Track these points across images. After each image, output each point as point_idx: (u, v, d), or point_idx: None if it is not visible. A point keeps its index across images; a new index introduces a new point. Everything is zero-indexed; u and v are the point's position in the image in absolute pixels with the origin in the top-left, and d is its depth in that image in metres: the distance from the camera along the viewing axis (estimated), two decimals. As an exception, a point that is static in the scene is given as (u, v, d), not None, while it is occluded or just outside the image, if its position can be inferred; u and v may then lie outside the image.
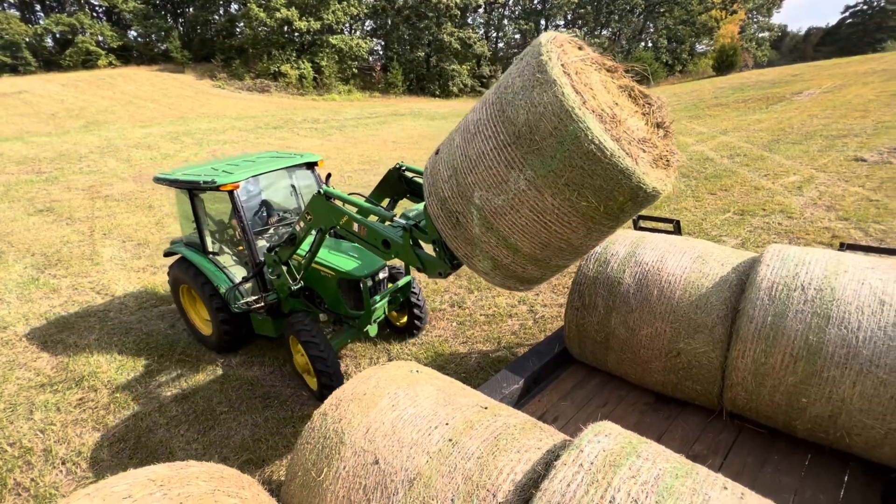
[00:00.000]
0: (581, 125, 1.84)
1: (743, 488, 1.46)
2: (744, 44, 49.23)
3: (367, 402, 2.07)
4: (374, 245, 3.13)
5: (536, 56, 2.00)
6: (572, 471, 1.45)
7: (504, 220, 2.18)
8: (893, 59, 23.33)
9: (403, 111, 33.97)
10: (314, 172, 5.16)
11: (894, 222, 6.74)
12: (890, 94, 15.41)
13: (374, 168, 15.35)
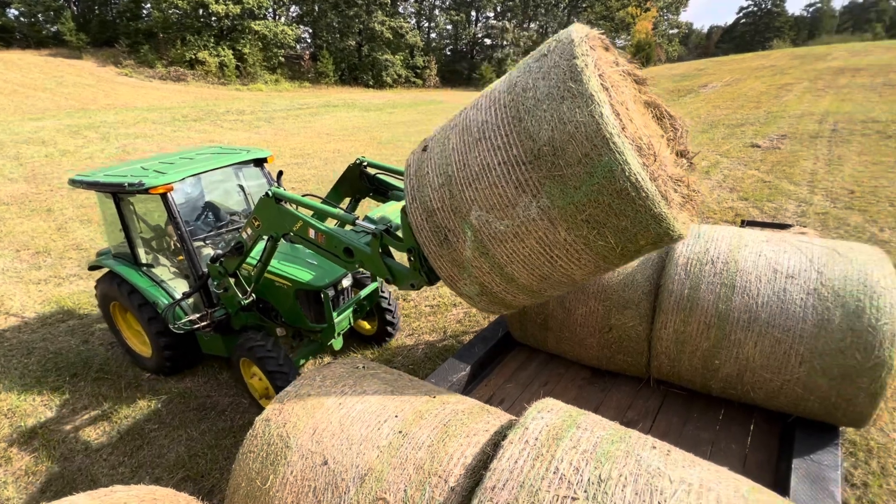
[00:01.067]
0: (619, 157, 1.56)
1: (669, 446, 1.61)
2: (657, 39, 53.10)
3: (313, 404, 2.01)
4: (335, 254, 2.80)
5: (569, 58, 1.66)
6: (519, 448, 1.52)
7: (503, 248, 1.91)
8: (779, 56, 26.36)
9: (336, 102, 32.86)
10: (264, 170, 4.62)
11: (783, 200, 7.68)
12: (777, 87, 17.43)
13: (307, 161, 14.73)
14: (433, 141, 2.16)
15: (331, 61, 43.37)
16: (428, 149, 2.14)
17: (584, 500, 1.32)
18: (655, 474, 1.38)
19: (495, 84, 2.05)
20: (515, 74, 1.92)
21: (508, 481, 1.42)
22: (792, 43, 57.84)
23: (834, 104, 13.47)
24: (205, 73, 35.52)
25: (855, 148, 9.69)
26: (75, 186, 4.26)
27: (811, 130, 11.29)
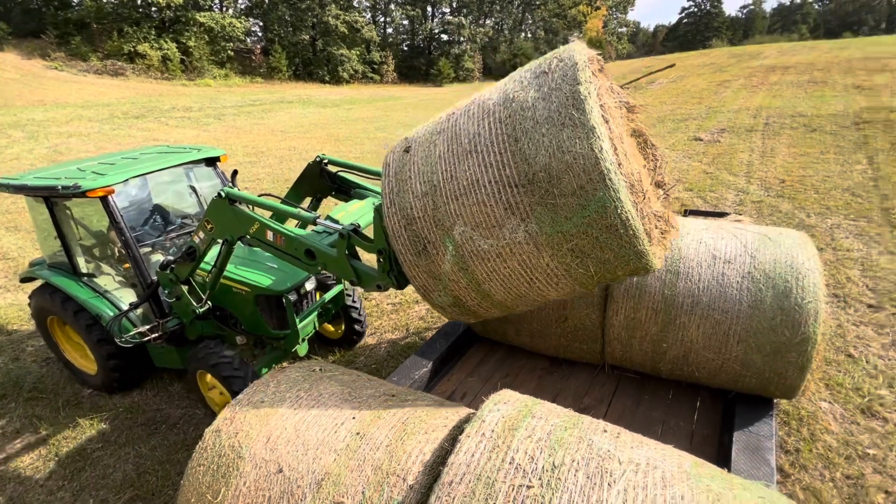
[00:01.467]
0: (613, 194, 1.56)
1: (619, 429, 1.67)
2: (607, 37, 54.95)
3: (266, 411, 1.94)
4: (295, 256, 2.67)
5: (572, 83, 1.63)
6: (476, 441, 1.53)
7: (484, 266, 1.88)
8: (718, 54, 27.98)
9: (291, 98, 31.85)
10: (217, 170, 4.33)
11: (724, 190, 8.17)
12: (717, 83, 18.49)
13: (261, 160, 14.20)
14: (417, 143, 2.04)
15: (284, 56, 41.95)
16: (411, 151, 2.03)
17: (539, 487, 1.35)
18: (605, 457, 1.43)
19: (487, 92, 1.96)
20: (511, 87, 1.84)
21: (466, 475, 1.43)
22: (729, 42, 61.60)
23: (766, 100, 14.46)
24: (146, 68, 33.43)
25: (785, 140, 10.46)
26: (0, 191, 3.89)
27: (747, 124, 12.07)
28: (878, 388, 3.66)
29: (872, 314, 4.55)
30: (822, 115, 11.80)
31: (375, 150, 15.09)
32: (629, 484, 1.33)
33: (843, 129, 10.50)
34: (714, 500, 1.29)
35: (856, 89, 13.90)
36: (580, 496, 1.31)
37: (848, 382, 3.73)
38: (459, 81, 51.20)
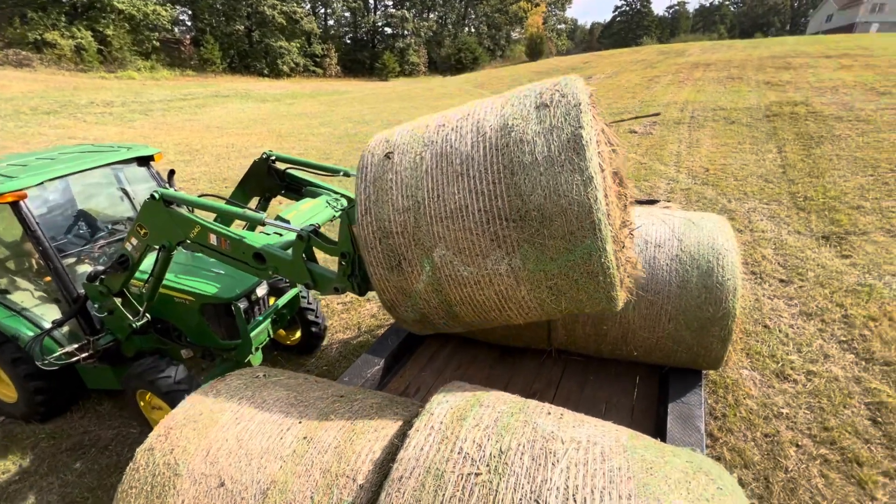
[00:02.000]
0: (599, 244, 1.60)
1: (563, 410, 1.75)
2: (547, 33, 56.59)
3: (205, 423, 1.84)
4: (243, 261, 2.50)
5: (575, 125, 1.62)
6: (425, 434, 1.54)
7: (460, 291, 1.85)
8: (648, 51, 29.67)
9: (227, 92, 30.12)
10: (151, 170, 3.99)
11: (656, 179, 8.72)
12: (648, 79, 19.63)
13: (196, 158, 13.35)
14: (399, 149, 1.94)
15: (216, 47, 39.53)
16: (392, 157, 1.91)
17: (487, 473, 1.38)
18: (549, 438, 1.49)
19: (482, 110, 1.88)
20: (510, 113, 1.79)
21: (415, 468, 1.44)
22: (658, 40, 65.54)
23: (692, 94, 15.56)
24: (57, 58, 30.25)
25: (708, 132, 11.32)
26: None
27: (675, 117, 12.93)
28: (789, 353, 4.08)
29: (783, 288, 5.06)
30: (739, 108, 12.88)
31: (321, 146, 14.64)
32: (571, 461, 1.39)
33: (757, 122, 11.52)
34: (647, 469, 1.38)
35: (766, 85, 15.29)
36: (526, 478, 1.35)
37: (764, 351, 4.13)
38: (405, 76, 50.74)
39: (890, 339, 4.10)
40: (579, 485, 1.31)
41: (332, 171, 3.67)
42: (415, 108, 21.93)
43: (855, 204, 6.73)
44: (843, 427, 3.31)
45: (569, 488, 1.31)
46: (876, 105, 11.37)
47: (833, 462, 3.08)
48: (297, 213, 2.83)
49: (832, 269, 5.26)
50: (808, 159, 8.73)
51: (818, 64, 17.31)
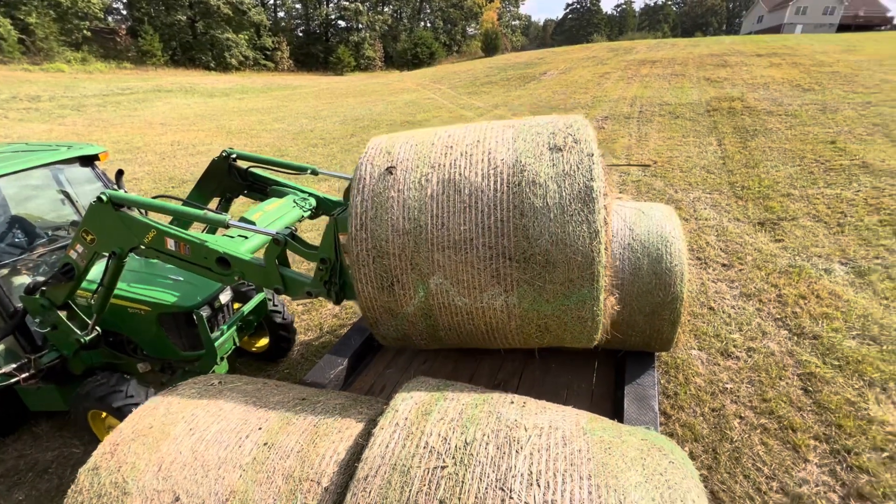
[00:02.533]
0: (595, 294, 1.65)
1: (525, 398, 1.79)
2: (502, 29, 57.25)
3: (156, 436, 1.74)
4: (205, 266, 2.36)
5: (587, 174, 1.64)
6: (390, 431, 1.53)
7: (451, 319, 1.84)
8: (598, 49, 30.69)
9: (170, 86, 28.43)
10: (96, 170, 3.67)
11: (610, 172, 9.06)
12: (599, 75, 20.31)
13: (138, 157, 12.54)
14: (403, 166, 1.85)
15: (156, 38, 37.16)
16: (394, 173, 1.83)
17: (453, 465, 1.40)
18: (513, 426, 1.52)
19: (493, 139, 1.84)
20: (522, 147, 1.77)
21: (381, 466, 1.42)
22: (607, 38, 67.91)
23: (640, 90, 16.26)
24: (-31, 48, 27.40)
25: (655, 126, 11.88)
26: None
27: (625, 112, 13.47)
28: (731, 332, 4.38)
29: (725, 272, 5.41)
30: (683, 103, 13.59)
31: (275, 143, 14.13)
32: (534, 447, 1.43)
33: (699, 116, 12.21)
34: (606, 449, 1.44)
35: (706, 81, 16.23)
36: (491, 467, 1.38)
37: (710, 331, 4.42)
38: (361, 70, 49.81)
39: (817, 315, 4.49)
40: (542, 469, 1.35)
41: (299, 169, 3.52)
42: (372, 103, 21.59)
43: (785, 192, 7.30)
44: (779, 398, 3.60)
45: (532, 473, 1.34)
46: (801, 101, 12.35)
47: (772, 430, 3.34)
48: (262, 214, 2.69)
49: (767, 253, 5.68)
50: (744, 151, 9.36)
51: (751, 62, 18.57)
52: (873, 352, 3.96)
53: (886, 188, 6.90)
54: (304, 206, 3.22)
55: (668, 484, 1.32)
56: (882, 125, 9.69)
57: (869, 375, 3.72)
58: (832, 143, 9.04)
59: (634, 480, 1.32)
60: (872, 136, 9.18)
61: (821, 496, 2.85)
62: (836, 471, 3.00)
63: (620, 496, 1.27)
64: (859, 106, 11.28)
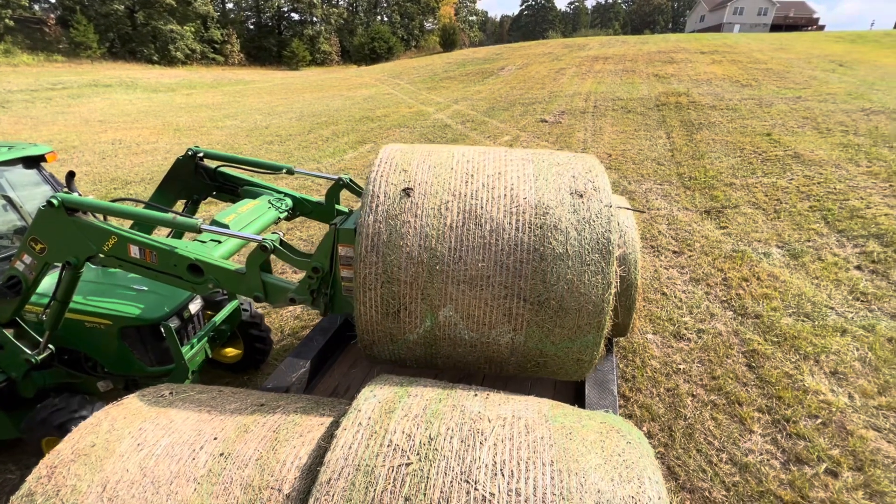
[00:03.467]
0: (598, 340, 1.73)
1: (489, 390, 1.80)
2: (460, 24, 57.36)
3: (99, 455, 1.62)
4: (175, 274, 2.19)
5: (606, 225, 1.67)
6: (353, 432, 1.50)
7: (453, 350, 1.81)
8: (554, 45, 31.35)
9: (108, 81, 26.59)
10: (42, 172, 3.37)
11: (567, 166, 9.31)
12: (555, 71, 20.77)
13: (75, 157, 11.66)
14: (421, 189, 1.77)
15: (91, 29, 34.59)
16: (411, 196, 1.76)
17: (417, 462, 1.39)
18: (477, 419, 1.53)
19: (514, 173, 1.82)
20: (544, 188, 1.76)
21: (344, 468, 1.40)
22: (562, 34, 69.55)
23: (594, 86, 16.76)
24: None
25: (609, 120, 12.30)
26: None
27: (580, 107, 13.85)
28: (682, 316, 4.62)
29: (676, 258, 5.70)
30: (634, 98, 14.14)
31: (227, 140, 13.51)
32: (498, 438, 1.44)
33: (649, 111, 12.74)
34: (567, 434, 1.48)
35: (655, 77, 16.95)
36: (456, 461, 1.38)
37: (663, 315, 4.64)
38: (317, 65, 48.49)
39: (758, 296, 4.81)
40: (506, 459, 1.37)
41: (274, 168, 3.34)
42: (329, 98, 21.07)
43: (728, 181, 7.75)
44: (726, 375, 3.84)
45: (497, 464, 1.35)
46: (741, 96, 13.15)
47: (720, 405, 3.56)
48: (236, 217, 2.53)
49: (713, 239, 6.02)
50: (690, 143, 9.86)
51: (695, 59, 19.56)
52: (807, 327, 4.29)
53: (815, 176, 7.47)
54: (281, 207, 3.07)
55: (625, 464, 1.37)
56: (811, 118, 10.49)
57: (804, 350, 4.03)
58: (768, 135, 9.69)
59: (594, 462, 1.36)
60: (803, 128, 9.91)
61: (764, 463, 3.07)
62: (777, 439, 3.24)
63: (581, 479, 1.30)
64: (791, 100, 12.15)
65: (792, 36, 29.65)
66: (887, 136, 8.87)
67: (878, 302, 4.58)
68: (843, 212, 6.30)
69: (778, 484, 2.93)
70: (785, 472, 3.01)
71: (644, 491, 1.28)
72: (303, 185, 8.69)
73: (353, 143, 12.28)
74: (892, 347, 3.98)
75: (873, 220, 5.98)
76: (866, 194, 6.68)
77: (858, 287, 4.81)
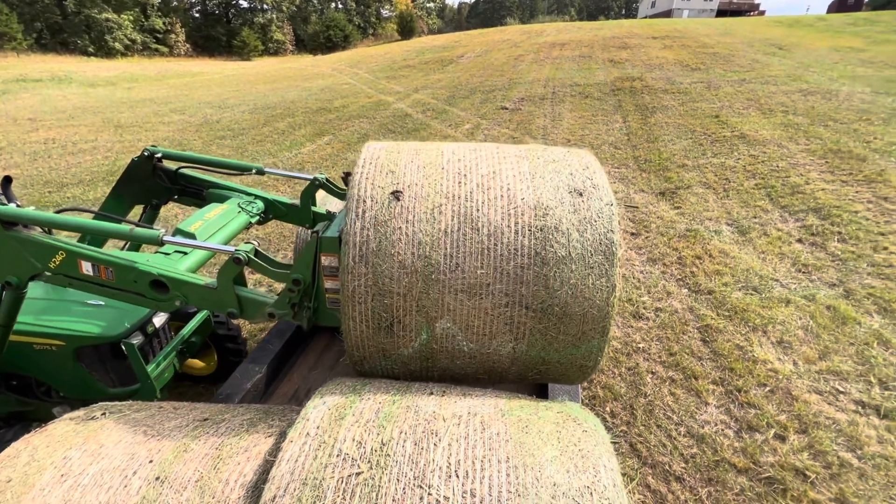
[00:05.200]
0: (602, 345, 1.69)
1: (446, 387, 1.75)
2: (417, 12, 56.50)
3: (17, 490, 1.47)
4: (136, 292, 1.98)
5: (608, 226, 1.62)
6: (300, 444, 1.41)
7: (450, 363, 1.73)
8: (512, 31, 31.40)
9: (37, 75, 24.56)
10: None
11: (528, 153, 9.36)
12: (514, 58, 20.81)
13: (3, 159, 10.73)
14: (411, 192, 1.64)
15: (14, 18, 31.74)
16: (401, 200, 1.62)
17: (368, 470, 1.32)
18: (431, 419, 1.48)
19: (508, 170, 1.73)
20: (541, 187, 1.67)
21: (290, 483, 1.31)
22: (520, 21, 69.80)
23: (552, 72, 16.90)
24: None
25: (568, 106, 12.44)
26: None
27: (540, 94, 13.94)
28: (641, 296, 4.75)
29: (634, 240, 5.84)
30: (591, 83, 14.36)
31: (175, 136, 12.77)
32: (453, 438, 1.40)
33: (605, 96, 12.98)
34: (523, 428, 1.45)
35: (610, 63, 17.28)
36: (409, 465, 1.32)
37: (623, 296, 4.75)
38: (270, 55, 46.56)
39: (711, 273, 5.01)
40: (461, 459, 1.32)
41: (242, 168, 3.06)
42: (284, 89, 20.27)
43: (680, 163, 8.02)
44: (683, 351, 3.97)
45: (451, 465, 1.31)
46: (691, 79, 13.60)
47: (678, 381, 3.68)
48: (203, 224, 2.31)
49: (668, 220, 6.22)
50: (645, 127, 10.12)
51: (648, 44, 20.07)
52: (755, 300, 4.51)
53: (760, 156, 7.84)
54: (252, 211, 2.83)
55: (581, 453, 1.35)
56: (755, 100, 10.99)
57: (752, 322, 4.23)
58: (716, 117, 10.08)
59: (550, 455, 1.34)
60: (748, 110, 10.37)
61: (719, 433, 3.20)
62: (730, 409, 3.39)
63: (537, 473, 1.27)
64: (736, 83, 12.68)
65: (736, 21, 30.93)
66: (822, 115, 9.42)
67: (818, 272, 4.86)
68: (784, 188, 6.64)
69: (732, 452, 3.06)
70: (738, 440, 3.15)
71: (599, 480, 1.26)
72: (267, 183, 8.33)
73: (310, 135, 11.88)
74: (830, 315, 4.24)
75: (812, 195, 6.34)
76: (805, 171, 7.07)
77: (800, 259, 5.09)
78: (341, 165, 9.38)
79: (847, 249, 5.16)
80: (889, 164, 6.91)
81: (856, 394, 3.43)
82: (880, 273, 4.74)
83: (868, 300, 4.39)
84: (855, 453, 3.00)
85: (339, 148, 10.60)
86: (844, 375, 3.59)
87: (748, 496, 2.79)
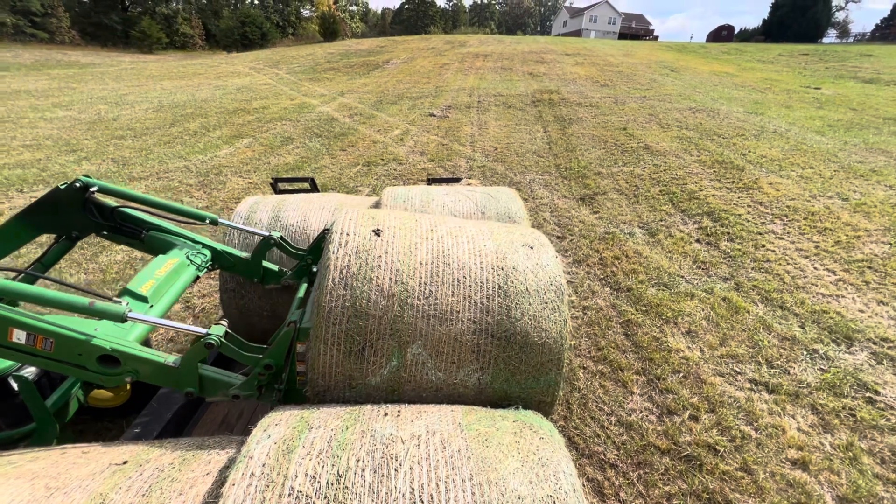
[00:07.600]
0: (559, 379, 1.74)
1: (400, 406, 1.69)
2: (340, 14, 55.30)
3: None
4: (77, 364, 1.71)
5: (556, 271, 1.85)
6: (244, 486, 1.28)
7: (416, 392, 1.74)
8: (436, 40, 31.94)
9: None
10: None
11: (457, 159, 9.53)
12: (439, 66, 21.15)
13: None
14: (390, 231, 1.82)
15: None
16: (380, 236, 1.78)
17: (326, 504, 1.23)
18: (389, 442, 1.42)
19: (470, 228, 1.97)
20: (500, 240, 1.93)
21: (237, 532, 1.18)
22: (443, 30, 71.28)
23: (476, 81, 17.45)
24: None
25: (493, 115, 12.91)
26: None
27: (466, 102, 14.31)
28: (571, 296, 5.03)
29: (560, 243, 6.20)
30: (513, 94, 15.05)
31: (60, 134, 11.12)
32: (413, 461, 1.35)
33: (527, 106, 13.68)
34: (483, 442, 1.44)
35: (529, 75, 18.26)
36: (370, 496, 1.25)
37: (555, 298, 5.00)
38: (177, 48, 42.60)
39: (628, 271, 5.46)
40: (424, 483, 1.28)
41: (196, 217, 2.72)
42: (194, 87, 18.63)
43: (596, 171, 8.68)
44: (609, 345, 4.28)
45: (414, 490, 1.26)
46: (601, 94, 14.83)
47: (607, 374, 3.95)
48: (155, 285, 2.07)
49: (589, 224, 6.69)
50: (564, 137, 10.82)
51: (562, 60, 21.55)
52: (666, 295, 5.00)
53: (662, 165, 8.75)
54: (199, 263, 2.55)
55: (541, 462, 1.38)
56: (655, 115, 12.25)
57: (665, 315, 4.68)
58: (624, 129, 11.08)
59: (512, 467, 1.35)
60: (650, 123, 11.53)
61: (644, 419, 3.48)
62: (652, 396, 3.70)
63: (501, 488, 1.28)
64: (639, 99, 14.05)
65: (635, 44, 34.37)
66: (709, 130, 10.76)
67: (714, 268, 5.52)
68: (683, 194, 7.47)
69: (656, 436, 3.34)
70: (660, 423, 3.44)
71: (560, 487, 1.30)
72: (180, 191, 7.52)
73: (227, 137, 11.03)
74: (726, 305, 4.83)
75: (705, 200, 7.20)
76: (699, 179, 8.02)
77: (700, 257, 5.74)
78: (264, 171, 8.83)
79: (735, 247, 5.93)
80: (761, 174, 8.08)
81: (750, 373, 3.93)
82: (761, 267, 5.51)
83: (753, 291, 5.07)
84: (752, 426, 3.43)
85: (260, 151, 9.97)
86: (740, 358, 4.10)
87: (672, 475, 3.07)
